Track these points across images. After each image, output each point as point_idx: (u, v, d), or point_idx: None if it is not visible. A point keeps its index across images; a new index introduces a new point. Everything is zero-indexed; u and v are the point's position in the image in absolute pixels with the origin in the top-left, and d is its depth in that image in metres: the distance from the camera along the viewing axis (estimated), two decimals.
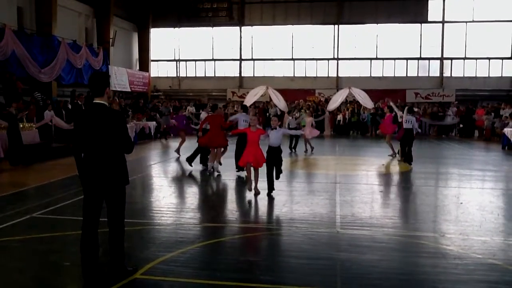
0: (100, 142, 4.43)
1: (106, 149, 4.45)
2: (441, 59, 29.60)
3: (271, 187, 8.73)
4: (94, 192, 4.48)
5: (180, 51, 32.02)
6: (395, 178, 11.65)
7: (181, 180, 11.06)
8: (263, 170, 8.84)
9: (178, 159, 14.21)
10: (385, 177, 11.71)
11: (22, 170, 11.91)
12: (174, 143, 18.75)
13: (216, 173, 11.22)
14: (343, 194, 8.97)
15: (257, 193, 8.65)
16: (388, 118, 15.44)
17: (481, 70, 29.36)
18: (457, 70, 29.67)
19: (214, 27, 31.14)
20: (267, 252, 5.71)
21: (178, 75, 32.16)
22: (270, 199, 8.36)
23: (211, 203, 8.67)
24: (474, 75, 29.38)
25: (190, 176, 11.58)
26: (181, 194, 9.48)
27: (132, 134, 19.14)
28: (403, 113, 13.66)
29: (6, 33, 16.53)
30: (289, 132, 12.22)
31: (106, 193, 4.51)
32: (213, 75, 31.79)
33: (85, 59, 21.76)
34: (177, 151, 14.75)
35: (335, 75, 30.30)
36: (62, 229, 6.43)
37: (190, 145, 14.41)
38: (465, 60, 29.50)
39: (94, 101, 4.54)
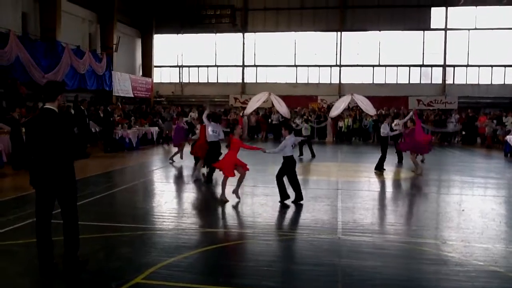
0: (48, 145, 4.70)
1: (54, 151, 4.71)
2: (444, 66, 29.64)
3: (283, 197, 8.54)
4: (45, 194, 4.77)
5: (183, 57, 32.14)
6: (397, 184, 11.64)
7: (183, 185, 11.06)
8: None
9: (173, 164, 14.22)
10: (387, 183, 11.69)
11: (24, 174, 11.91)
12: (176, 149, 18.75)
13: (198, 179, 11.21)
14: (345, 200, 8.96)
15: (225, 200, 8.68)
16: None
17: (483, 77, 29.37)
18: (460, 77, 29.69)
19: (217, 34, 31.26)
20: (268, 258, 5.69)
21: (181, 81, 32.27)
22: (273, 206, 8.33)
23: (213, 208, 8.67)
24: (477, 83, 29.39)
25: (192, 181, 11.58)
26: (183, 200, 9.48)
27: (135, 139, 19.19)
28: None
29: (10, 38, 16.64)
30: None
31: (57, 193, 4.80)
32: (216, 81, 31.89)
33: (88, 65, 21.87)
34: (171, 158, 14.76)
35: (338, 82, 30.37)
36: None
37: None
38: (468, 68, 29.53)
39: (44, 106, 4.85)
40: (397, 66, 30.07)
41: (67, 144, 4.78)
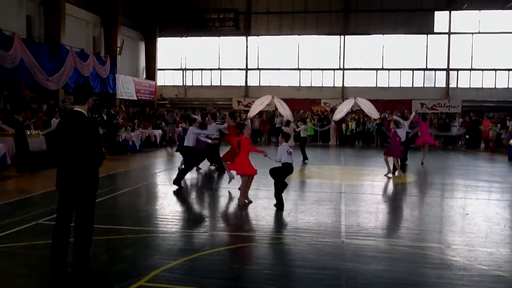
0: (74, 148, 4.65)
1: (78, 155, 4.65)
2: (447, 70, 29.60)
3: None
4: (67, 197, 4.73)
5: (187, 60, 32.22)
6: (401, 188, 11.60)
7: (186, 188, 11.06)
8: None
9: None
10: (390, 187, 11.67)
11: (28, 176, 11.97)
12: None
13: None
14: (348, 203, 8.94)
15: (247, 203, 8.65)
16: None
17: (487, 81, 29.32)
18: (463, 81, 29.65)
19: (220, 37, 31.32)
20: (272, 261, 5.69)
21: (184, 84, 32.33)
22: (276, 209, 8.30)
23: (216, 211, 8.67)
24: (481, 86, 29.34)
25: (195, 184, 11.59)
26: (186, 202, 9.49)
27: (138, 142, 19.23)
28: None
29: (15, 41, 16.73)
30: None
31: (76, 199, 4.73)
32: (219, 84, 31.94)
33: (92, 68, 21.95)
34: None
35: (341, 85, 30.35)
36: None
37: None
38: (471, 71, 29.48)
39: (74, 109, 4.79)
40: (400, 69, 30.05)
41: (94, 147, 4.72)
